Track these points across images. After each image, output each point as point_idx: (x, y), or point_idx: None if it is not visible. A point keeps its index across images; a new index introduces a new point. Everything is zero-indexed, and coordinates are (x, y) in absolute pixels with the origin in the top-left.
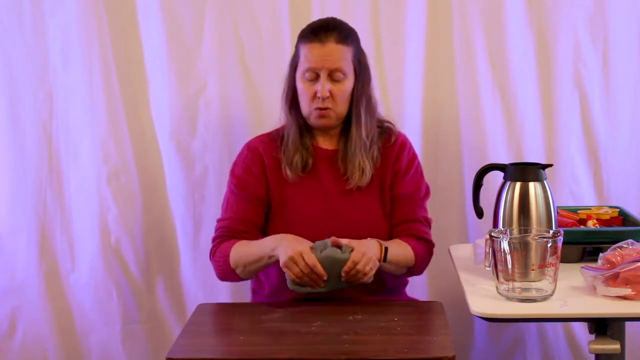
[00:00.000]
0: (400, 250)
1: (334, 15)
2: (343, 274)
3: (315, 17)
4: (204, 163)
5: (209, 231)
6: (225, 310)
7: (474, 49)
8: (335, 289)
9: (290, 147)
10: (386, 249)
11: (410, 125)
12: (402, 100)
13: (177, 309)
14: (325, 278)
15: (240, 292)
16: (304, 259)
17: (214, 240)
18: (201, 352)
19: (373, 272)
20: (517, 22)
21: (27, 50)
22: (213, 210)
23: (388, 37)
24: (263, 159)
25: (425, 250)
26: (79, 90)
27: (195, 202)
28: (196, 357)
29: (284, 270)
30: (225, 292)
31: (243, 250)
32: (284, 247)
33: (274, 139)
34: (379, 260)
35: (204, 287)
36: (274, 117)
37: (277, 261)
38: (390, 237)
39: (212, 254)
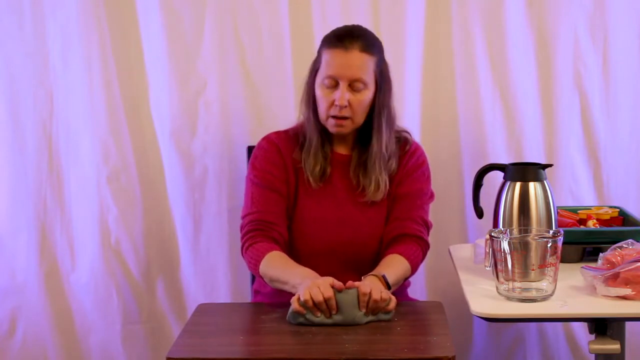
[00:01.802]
0: (397, 268)
1: (335, 16)
2: (364, 310)
3: (315, 17)
4: (204, 163)
5: (209, 231)
6: (225, 310)
7: (474, 49)
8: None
9: (312, 157)
10: (384, 276)
11: (410, 125)
12: (402, 100)
13: (177, 309)
14: (335, 312)
15: (240, 292)
16: (320, 289)
17: (245, 234)
18: (201, 352)
19: (390, 296)
20: (517, 22)
21: (27, 50)
22: (213, 210)
23: (388, 37)
24: (282, 155)
25: (418, 250)
26: (79, 90)
27: (195, 202)
28: (196, 357)
29: (298, 299)
30: (225, 292)
31: (275, 266)
32: (306, 284)
33: (292, 138)
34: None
35: (204, 287)
36: (274, 117)
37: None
38: (381, 236)
39: (245, 249)
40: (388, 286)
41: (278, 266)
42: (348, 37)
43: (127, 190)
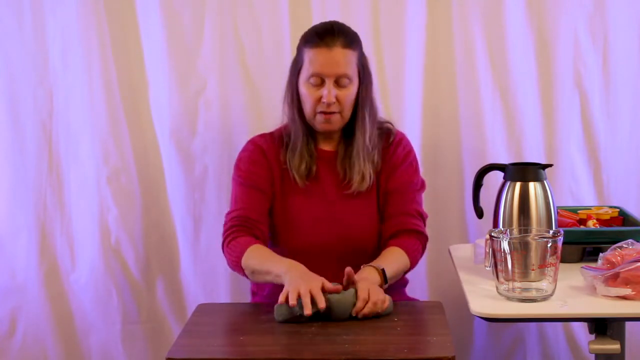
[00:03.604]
0: (396, 261)
1: (335, 16)
2: (359, 313)
3: (315, 17)
4: (204, 163)
5: (209, 231)
6: (225, 310)
7: (474, 49)
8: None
9: (296, 156)
10: (383, 270)
11: (410, 126)
12: (402, 101)
13: (177, 309)
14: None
15: (240, 292)
16: (313, 293)
17: (227, 229)
18: (201, 352)
19: (387, 300)
20: (517, 22)
21: (27, 50)
22: (213, 210)
23: (388, 38)
24: (267, 157)
25: (418, 244)
26: (79, 90)
27: (195, 202)
28: (196, 357)
29: (287, 296)
30: (225, 292)
31: (257, 257)
32: (294, 278)
33: (276, 139)
34: (381, 285)
35: (204, 287)
36: (274, 117)
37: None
38: (379, 234)
39: (226, 244)
40: (385, 280)
41: (260, 257)
42: (329, 34)
43: (127, 190)
